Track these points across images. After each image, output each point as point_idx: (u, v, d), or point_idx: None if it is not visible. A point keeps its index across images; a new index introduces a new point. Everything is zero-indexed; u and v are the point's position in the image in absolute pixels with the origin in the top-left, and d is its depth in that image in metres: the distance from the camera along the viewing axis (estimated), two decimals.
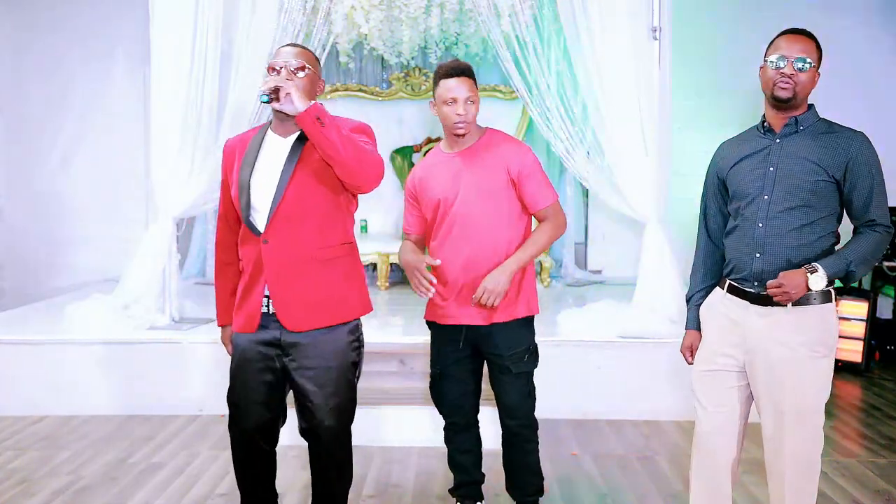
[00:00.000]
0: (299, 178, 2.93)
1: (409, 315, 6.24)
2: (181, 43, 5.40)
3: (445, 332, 3.45)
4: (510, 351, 3.37)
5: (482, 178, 3.31)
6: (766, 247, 2.78)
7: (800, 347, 2.74)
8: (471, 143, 3.38)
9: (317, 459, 3.14)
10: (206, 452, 4.60)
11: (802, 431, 2.77)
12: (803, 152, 2.77)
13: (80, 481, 4.19)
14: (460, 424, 3.57)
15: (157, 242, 5.51)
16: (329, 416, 3.01)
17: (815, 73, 2.78)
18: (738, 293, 2.87)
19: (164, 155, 5.49)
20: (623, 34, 5.34)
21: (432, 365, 3.56)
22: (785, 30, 2.86)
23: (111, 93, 7.74)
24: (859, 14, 7.55)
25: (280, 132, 3.03)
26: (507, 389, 3.42)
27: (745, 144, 2.93)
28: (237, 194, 2.99)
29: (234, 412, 3.08)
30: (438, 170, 3.41)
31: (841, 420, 5.26)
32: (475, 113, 3.33)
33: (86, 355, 5.22)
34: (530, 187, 3.32)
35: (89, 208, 7.80)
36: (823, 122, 2.85)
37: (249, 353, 3.02)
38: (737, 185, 2.88)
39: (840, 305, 6.51)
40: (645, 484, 4.20)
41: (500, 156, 3.33)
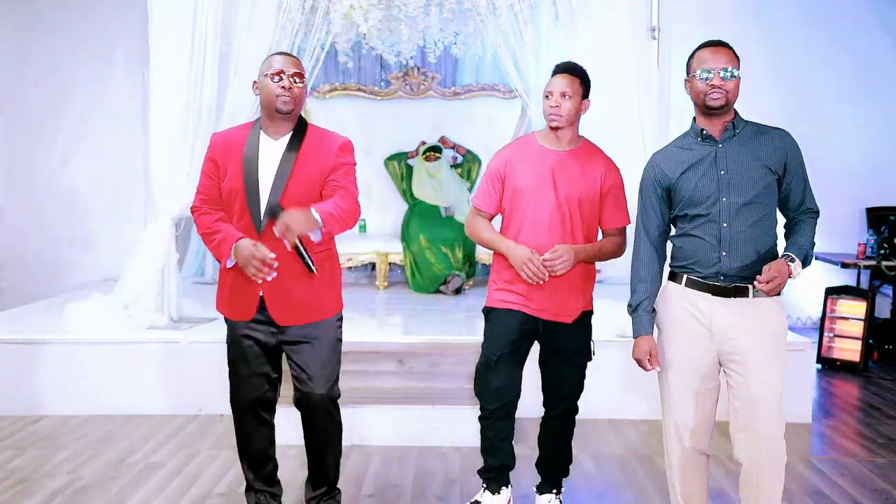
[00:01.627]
0: (296, 181, 3.22)
1: (408, 314, 6.25)
2: (180, 43, 5.39)
3: (513, 319, 3.53)
4: (574, 344, 3.56)
5: (579, 183, 3.46)
6: (731, 244, 2.99)
7: (767, 336, 3.00)
8: (571, 147, 3.51)
9: (310, 428, 3.47)
10: (205, 452, 4.60)
11: (776, 417, 2.98)
12: (748, 154, 3.00)
13: (79, 481, 4.19)
14: (504, 410, 3.63)
15: (156, 242, 5.49)
16: (321, 385, 3.36)
17: (738, 80, 3.02)
18: (700, 287, 3.05)
19: (163, 155, 5.48)
20: (622, 34, 5.33)
21: (487, 350, 3.59)
22: (705, 42, 3.09)
23: (110, 93, 7.73)
24: (857, 13, 7.55)
25: (271, 134, 3.30)
26: (565, 377, 3.60)
27: (685, 153, 3.11)
28: (243, 196, 3.23)
29: (235, 386, 3.44)
30: (531, 159, 3.52)
31: (839, 419, 5.26)
32: (570, 109, 3.43)
33: (85, 355, 5.22)
34: (613, 205, 3.51)
35: (88, 208, 7.80)
36: (752, 123, 3.09)
37: (246, 331, 3.35)
38: (690, 192, 3.06)
39: (838, 305, 6.56)
40: (643, 483, 4.21)
41: (597, 166, 3.50)
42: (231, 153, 3.28)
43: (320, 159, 3.28)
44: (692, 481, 3.23)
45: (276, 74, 3.21)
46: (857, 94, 7.52)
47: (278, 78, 3.20)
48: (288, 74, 3.21)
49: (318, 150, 3.30)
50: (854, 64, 7.54)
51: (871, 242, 6.65)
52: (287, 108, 3.22)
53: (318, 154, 3.29)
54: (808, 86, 7.51)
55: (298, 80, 3.24)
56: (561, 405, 3.66)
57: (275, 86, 3.20)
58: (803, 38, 7.47)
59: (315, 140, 3.32)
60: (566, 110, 3.42)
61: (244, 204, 3.24)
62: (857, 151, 7.48)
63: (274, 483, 3.65)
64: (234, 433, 4.81)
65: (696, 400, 3.12)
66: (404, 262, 7.33)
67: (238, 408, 3.49)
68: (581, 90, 3.46)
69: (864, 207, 7.42)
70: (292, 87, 3.22)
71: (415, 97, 7.97)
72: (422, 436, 4.73)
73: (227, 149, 3.30)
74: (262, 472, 3.59)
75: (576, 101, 3.44)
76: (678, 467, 3.23)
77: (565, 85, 3.43)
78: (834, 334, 6.53)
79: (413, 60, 7.70)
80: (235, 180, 3.25)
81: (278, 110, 3.22)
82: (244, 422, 3.51)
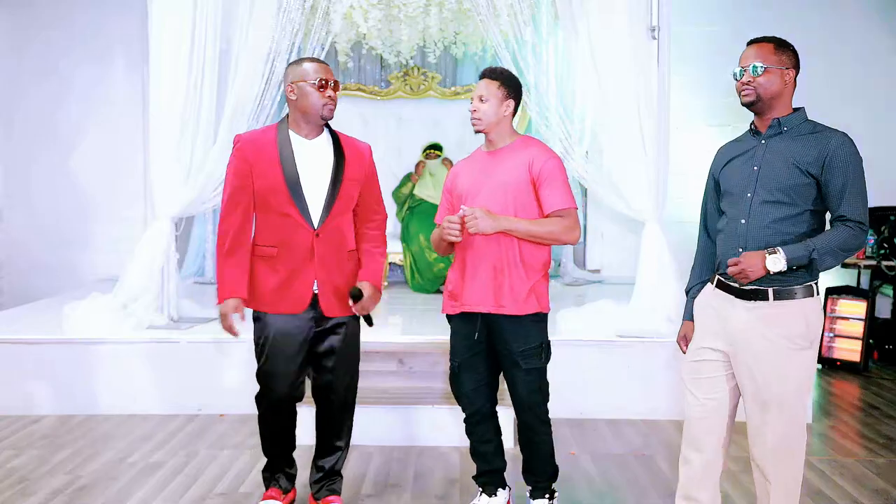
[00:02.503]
0: (344, 188, 3.49)
1: (408, 314, 6.25)
2: (180, 42, 5.39)
3: (461, 322, 3.56)
4: (520, 346, 3.47)
5: (505, 173, 3.47)
6: (748, 241, 2.91)
7: (780, 339, 2.87)
8: (503, 145, 3.55)
9: (328, 413, 3.69)
10: (204, 451, 4.60)
11: (784, 422, 2.89)
12: (785, 152, 2.91)
13: (79, 480, 4.18)
14: (479, 415, 3.64)
15: (156, 242, 5.50)
16: (348, 372, 3.66)
17: (777, 73, 2.93)
18: (724, 288, 3.01)
19: (162, 154, 5.49)
20: (622, 33, 5.33)
21: (451, 358, 3.65)
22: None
23: (110, 92, 7.75)
24: (858, 13, 7.55)
25: (304, 134, 3.50)
26: (517, 384, 3.53)
27: (737, 146, 3.10)
28: (286, 195, 3.41)
29: (270, 381, 3.56)
30: (471, 166, 3.61)
31: (840, 419, 5.26)
32: (487, 111, 3.48)
33: (84, 355, 5.21)
34: (548, 189, 3.44)
35: (88, 208, 7.81)
36: (809, 123, 2.97)
37: (289, 327, 3.50)
38: (727, 184, 3.05)
39: (839, 305, 6.54)
40: (643, 483, 4.20)
41: (525, 155, 3.50)
42: (264, 154, 3.43)
43: (358, 165, 3.57)
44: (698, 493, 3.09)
45: (321, 85, 3.39)
46: (856, 94, 7.52)
47: (324, 88, 3.40)
48: (332, 85, 3.42)
49: (358, 157, 3.58)
50: (854, 64, 7.54)
51: (871, 242, 6.65)
52: (331, 116, 3.47)
53: (358, 161, 3.57)
54: (807, 85, 7.45)
55: (337, 90, 3.48)
56: (522, 413, 3.58)
57: (320, 95, 3.40)
58: (803, 38, 7.39)
59: (352, 147, 3.58)
60: (483, 113, 3.49)
61: (291, 206, 3.42)
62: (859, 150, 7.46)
63: (291, 463, 3.82)
64: (234, 433, 4.84)
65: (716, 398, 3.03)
66: (404, 262, 7.33)
67: (269, 403, 3.62)
68: (501, 92, 3.50)
69: None
70: (335, 97, 3.45)
71: (415, 97, 7.97)
72: (422, 436, 4.74)
73: (259, 149, 3.45)
74: (283, 454, 3.76)
75: (494, 103, 3.48)
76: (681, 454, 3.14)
77: (482, 88, 3.50)
78: (834, 334, 6.53)
79: (413, 60, 7.71)
80: (274, 179, 3.42)
81: (323, 117, 3.45)
82: (276, 415, 3.65)
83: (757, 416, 2.93)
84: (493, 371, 3.63)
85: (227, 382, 5.20)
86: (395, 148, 7.78)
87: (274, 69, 5.62)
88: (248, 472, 4.32)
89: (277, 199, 3.43)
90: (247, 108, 5.59)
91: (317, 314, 3.53)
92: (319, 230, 3.46)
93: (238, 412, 5.11)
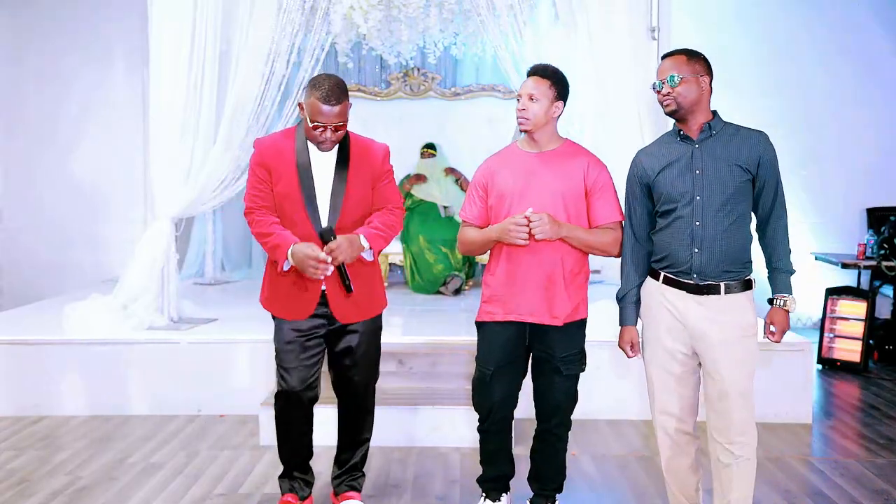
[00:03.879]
0: (351, 192, 3.45)
1: (408, 315, 6.24)
2: (180, 43, 5.39)
3: (500, 332, 3.48)
4: (564, 352, 3.44)
5: (557, 179, 3.39)
6: (703, 243, 3.09)
7: (733, 329, 3.11)
8: (550, 148, 3.45)
9: (350, 409, 3.76)
10: (204, 452, 4.60)
11: (745, 407, 3.13)
12: (723, 155, 3.09)
13: (79, 481, 4.18)
14: (501, 423, 3.59)
15: (156, 242, 5.49)
16: (367, 369, 3.70)
17: (693, 81, 3.09)
18: (674, 284, 3.17)
19: (162, 155, 5.49)
20: (622, 34, 5.32)
21: (482, 365, 3.54)
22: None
23: (110, 93, 7.75)
24: (856, 15, 7.54)
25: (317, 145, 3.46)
26: (555, 389, 3.49)
27: (665, 151, 3.21)
28: (300, 202, 3.41)
29: (285, 379, 3.56)
30: (512, 166, 3.48)
31: (840, 420, 5.26)
32: (537, 112, 3.39)
33: (84, 355, 5.21)
34: (601, 199, 3.40)
35: (88, 209, 7.81)
36: (729, 125, 3.17)
37: (301, 326, 3.52)
38: (667, 190, 3.16)
39: (839, 305, 6.54)
40: (644, 484, 4.20)
41: (579, 163, 3.41)
42: (283, 160, 3.44)
43: (369, 167, 3.52)
44: (679, 459, 3.33)
45: (315, 128, 3.34)
46: (857, 96, 7.52)
47: (320, 131, 3.34)
48: (330, 128, 3.34)
49: (365, 159, 3.52)
50: (854, 65, 7.54)
51: (871, 243, 6.64)
52: (325, 149, 3.43)
53: (367, 163, 3.52)
54: (808, 87, 7.51)
55: (340, 130, 3.38)
56: (552, 419, 3.55)
57: (315, 134, 3.36)
58: (804, 39, 7.48)
59: (361, 149, 3.53)
60: (533, 113, 3.39)
61: (303, 210, 3.42)
62: (857, 152, 7.48)
63: (308, 470, 3.80)
64: (234, 433, 4.84)
65: (677, 385, 3.24)
66: (404, 262, 7.33)
67: (285, 399, 3.61)
68: (552, 92, 3.41)
69: (864, 208, 7.43)
70: (333, 137, 3.37)
71: (415, 98, 7.98)
72: (422, 436, 4.73)
73: (278, 156, 3.45)
74: (300, 460, 3.75)
75: (544, 103, 3.39)
76: (666, 448, 3.33)
77: (532, 87, 3.40)
78: (834, 335, 6.52)
79: (413, 61, 7.71)
80: (291, 188, 3.43)
81: (318, 149, 3.44)
82: (291, 413, 3.64)
83: (717, 404, 3.15)
84: (522, 380, 3.59)
85: (228, 383, 5.20)
86: (395, 149, 7.61)
87: (274, 70, 5.61)
88: (248, 472, 4.31)
89: (292, 206, 3.44)
90: (247, 109, 5.58)
91: (328, 317, 3.54)
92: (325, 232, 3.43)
93: (238, 413, 5.11)
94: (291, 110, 5.79)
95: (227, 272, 8.04)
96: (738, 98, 6.58)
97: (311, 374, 3.57)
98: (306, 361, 3.55)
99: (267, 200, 3.47)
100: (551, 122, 3.44)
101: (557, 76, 3.45)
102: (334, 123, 3.34)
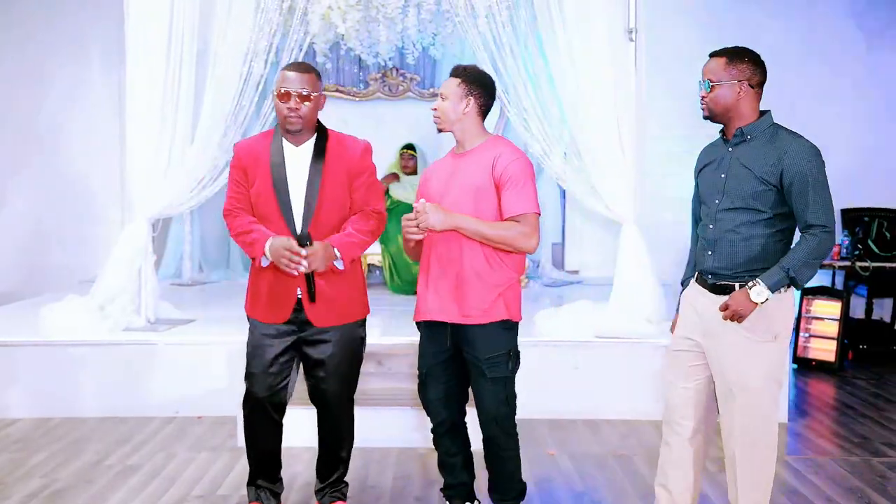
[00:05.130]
0: (327, 191, 3.39)
1: (387, 315, 6.22)
2: (157, 43, 5.36)
3: (427, 330, 3.47)
4: (487, 354, 3.33)
5: (470, 175, 3.35)
6: (715, 245, 3.11)
7: (744, 331, 3.03)
8: (472, 147, 3.42)
9: (327, 421, 3.63)
10: (182, 454, 4.57)
11: (749, 413, 3.06)
12: (746, 161, 3.04)
13: (55, 484, 4.15)
14: (444, 427, 3.54)
15: (133, 243, 5.46)
16: (341, 381, 3.55)
17: (728, 87, 3.03)
18: (700, 282, 3.21)
19: (139, 155, 5.45)
20: (599, 35, 5.34)
21: (419, 366, 3.54)
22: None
23: (86, 93, 7.69)
24: (833, 16, 7.60)
25: (292, 141, 3.43)
26: (482, 394, 3.38)
27: (712, 152, 3.24)
28: (274, 201, 3.37)
29: (251, 385, 3.51)
30: (441, 169, 3.52)
31: (815, 419, 5.30)
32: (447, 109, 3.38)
33: (61, 357, 5.18)
34: (508, 191, 3.29)
35: (64, 209, 7.73)
36: (772, 128, 3.08)
37: (271, 331, 3.46)
38: (701, 188, 3.24)
39: (814, 305, 6.59)
40: (622, 483, 4.21)
41: (490, 156, 3.35)
42: (258, 161, 3.42)
43: (346, 164, 3.45)
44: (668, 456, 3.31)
45: (279, 95, 3.31)
46: (832, 96, 7.56)
47: (285, 100, 3.30)
48: (295, 95, 3.29)
49: (343, 156, 3.45)
50: (830, 65, 7.59)
51: (846, 244, 6.71)
52: (295, 129, 3.36)
53: (343, 160, 3.44)
54: (783, 87, 7.53)
55: (307, 101, 3.32)
56: (489, 425, 3.40)
57: (283, 107, 3.32)
58: (781, 40, 7.50)
59: (338, 145, 3.47)
60: (442, 111, 3.38)
61: (277, 210, 3.38)
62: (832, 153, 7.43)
63: (276, 480, 3.72)
64: (212, 435, 4.81)
65: (682, 378, 3.24)
66: (383, 263, 7.32)
67: (251, 406, 3.56)
68: (461, 90, 3.37)
69: (839, 209, 7.48)
70: (299, 108, 3.31)
71: (393, 98, 7.97)
72: (401, 437, 4.72)
73: (254, 157, 3.43)
74: (267, 469, 3.67)
75: (452, 100, 3.36)
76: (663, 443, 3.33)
77: (444, 86, 3.43)
78: (809, 334, 6.57)
79: (391, 61, 7.70)
80: (265, 186, 3.39)
81: (288, 130, 3.37)
82: (256, 420, 3.58)
83: (723, 405, 3.12)
84: (461, 381, 3.50)
85: (205, 384, 5.17)
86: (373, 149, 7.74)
87: (252, 70, 5.58)
88: (226, 474, 4.29)
89: (266, 207, 3.40)
90: (225, 108, 5.56)
91: (303, 321, 3.46)
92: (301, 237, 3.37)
93: (216, 414, 5.08)
94: (269, 110, 5.76)
95: (205, 273, 8.01)
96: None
97: (277, 382, 3.50)
98: (272, 369, 3.47)
99: (243, 202, 3.46)
100: (465, 119, 3.39)
101: (468, 72, 3.43)
102: (299, 90, 3.30)
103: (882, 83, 7.67)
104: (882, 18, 7.63)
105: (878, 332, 7.00)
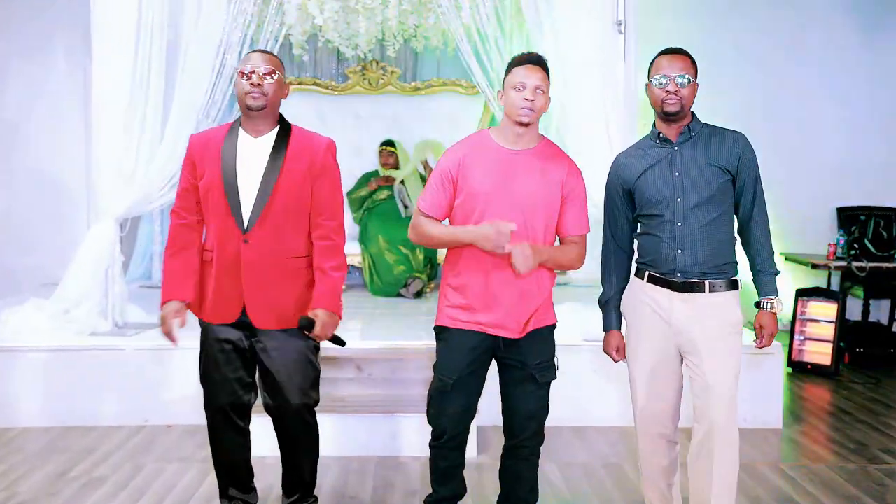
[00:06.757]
0: (283, 186, 3.28)
1: (367, 318, 6.13)
2: (125, 34, 5.19)
3: (466, 339, 3.29)
4: (538, 359, 3.29)
5: (536, 184, 3.20)
6: (686, 243, 3.17)
7: (717, 327, 3.19)
8: (530, 146, 3.25)
9: (284, 435, 3.50)
10: (151, 465, 4.46)
11: (724, 400, 3.16)
12: (701, 156, 3.19)
13: (16, 497, 4.03)
14: (455, 441, 3.40)
15: (100, 244, 5.33)
16: (294, 393, 3.37)
17: (694, 86, 3.20)
18: (660, 283, 3.24)
19: (106, 153, 5.29)
20: (587, 27, 5.24)
21: (443, 373, 3.33)
22: (663, 50, 3.26)
23: (50, 86, 7.44)
24: (826, 12, 7.52)
25: (251, 131, 3.33)
26: (529, 399, 3.32)
27: (644, 156, 3.29)
28: (221, 193, 3.27)
29: (208, 390, 3.44)
30: (488, 161, 3.23)
31: (810, 424, 5.22)
32: (542, 105, 3.19)
33: (22, 363, 5.05)
34: (572, 210, 3.27)
35: (27, 208, 7.50)
36: (708, 126, 3.27)
37: (221, 335, 3.37)
38: (649, 192, 3.24)
39: (809, 307, 6.48)
40: (610, 491, 4.16)
41: (557, 169, 3.24)
42: (209, 152, 3.33)
43: (308, 161, 3.33)
44: (655, 461, 3.38)
45: (245, 73, 3.26)
46: (826, 93, 7.53)
47: (247, 77, 3.25)
48: (259, 73, 3.24)
49: (305, 151, 3.34)
50: (824, 62, 7.54)
51: (842, 243, 6.60)
52: (257, 105, 3.25)
53: (305, 156, 3.33)
54: (777, 84, 7.49)
55: (270, 77, 3.26)
56: (525, 431, 3.35)
57: (245, 83, 3.25)
58: (773, 36, 7.46)
59: (301, 140, 3.36)
60: (539, 106, 3.16)
61: (224, 203, 3.28)
62: (828, 151, 7.48)
63: (249, 490, 3.63)
64: (182, 445, 4.73)
65: (659, 385, 3.30)
66: (362, 264, 7.17)
67: (212, 413, 3.47)
68: (548, 85, 3.23)
69: (834, 207, 7.41)
70: (262, 84, 3.25)
71: (373, 92, 7.84)
72: (381, 445, 4.64)
73: (204, 148, 3.35)
74: (237, 480, 3.58)
75: (547, 97, 3.21)
76: (646, 451, 3.39)
77: (540, 79, 3.15)
78: (805, 337, 6.42)
79: (371, 54, 7.57)
80: (213, 178, 3.29)
81: (249, 107, 3.26)
82: (218, 427, 3.48)
83: (700, 401, 3.20)
84: (480, 394, 3.41)
85: (175, 391, 5.04)
86: (353, 146, 7.61)
87: (225, 62, 5.43)
88: (196, 486, 4.18)
89: (214, 200, 3.29)
90: (196, 103, 5.40)
91: (248, 327, 3.36)
92: (248, 235, 3.26)
93: (186, 423, 4.95)
94: None
95: None
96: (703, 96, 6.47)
97: (236, 388, 3.40)
98: (230, 375, 3.38)
99: (189, 200, 3.38)
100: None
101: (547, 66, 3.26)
102: (262, 69, 3.25)
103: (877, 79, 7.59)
104: (876, 14, 7.55)
105: (875, 334, 6.87)
